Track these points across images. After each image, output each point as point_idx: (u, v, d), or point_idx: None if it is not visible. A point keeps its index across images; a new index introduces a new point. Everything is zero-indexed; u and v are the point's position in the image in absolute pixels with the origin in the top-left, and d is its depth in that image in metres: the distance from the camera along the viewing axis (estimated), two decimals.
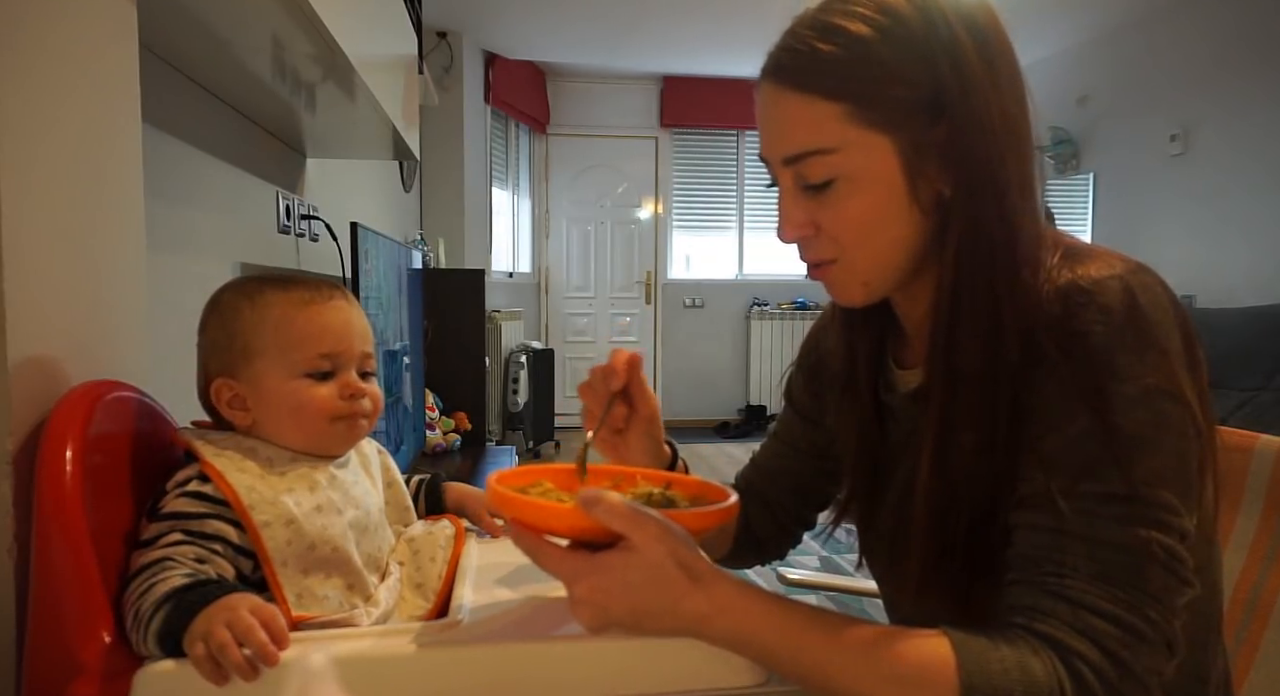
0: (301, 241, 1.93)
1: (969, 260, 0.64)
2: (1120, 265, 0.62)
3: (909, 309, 0.75)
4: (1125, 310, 0.59)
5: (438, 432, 2.72)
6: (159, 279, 1.10)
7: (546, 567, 0.58)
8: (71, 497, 0.57)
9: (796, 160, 0.66)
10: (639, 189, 6.03)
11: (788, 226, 0.68)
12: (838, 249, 0.68)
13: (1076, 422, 0.59)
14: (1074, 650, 0.55)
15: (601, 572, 0.55)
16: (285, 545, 0.63)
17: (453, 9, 4.38)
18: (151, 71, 1.13)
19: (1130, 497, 0.57)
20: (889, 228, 0.66)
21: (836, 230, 0.67)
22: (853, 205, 0.65)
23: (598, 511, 0.55)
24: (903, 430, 0.76)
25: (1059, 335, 0.60)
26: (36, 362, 0.62)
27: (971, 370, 0.64)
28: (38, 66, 0.63)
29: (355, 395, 0.71)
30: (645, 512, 0.56)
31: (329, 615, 0.63)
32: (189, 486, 0.64)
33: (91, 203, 0.71)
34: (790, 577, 1.39)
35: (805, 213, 0.67)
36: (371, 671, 0.56)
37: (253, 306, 0.70)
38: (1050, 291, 0.62)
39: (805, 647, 0.56)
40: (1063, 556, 0.58)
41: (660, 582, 0.55)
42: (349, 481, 0.71)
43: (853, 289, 0.70)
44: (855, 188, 0.65)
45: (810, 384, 0.90)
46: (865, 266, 0.68)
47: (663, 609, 0.55)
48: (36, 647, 0.57)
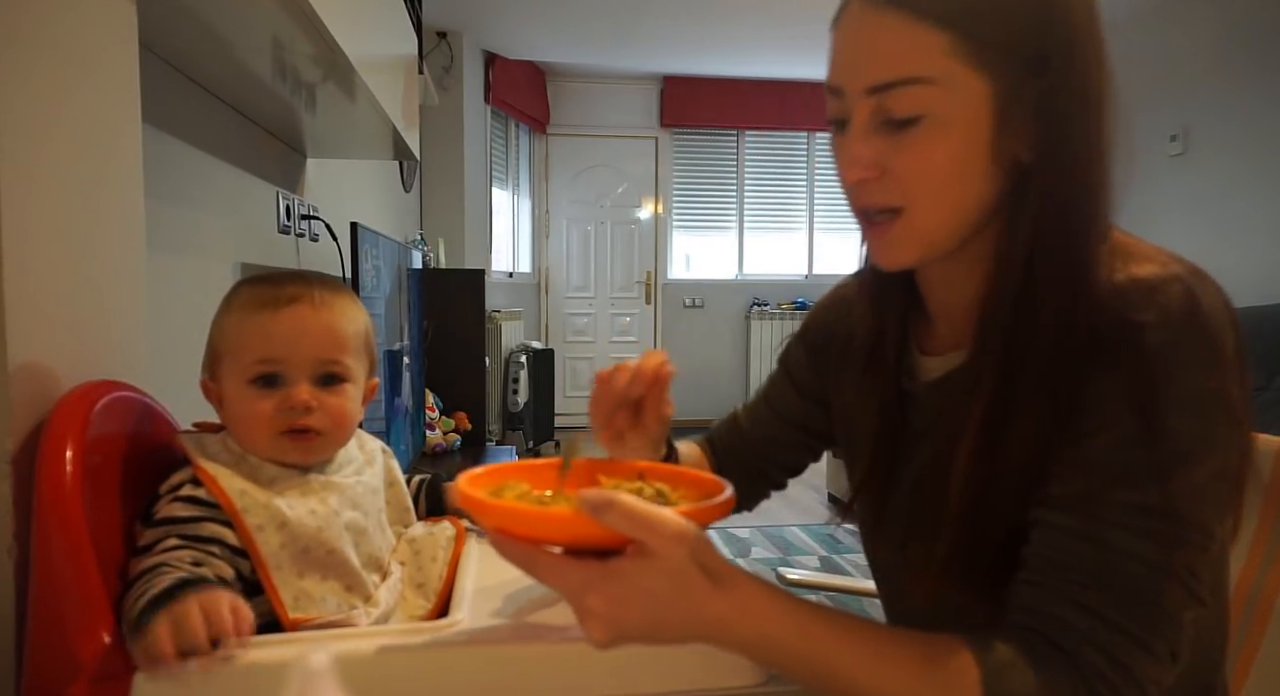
0: (301, 241, 1.93)
1: (1046, 233, 0.60)
2: (1178, 266, 0.59)
3: (944, 290, 0.70)
4: (1186, 314, 0.56)
5: (438, 432, 2.72)
6: (159, 279, 1.10)
7: (548, 580, 0.51)
8: (71, 497, 0.57)
9: (885, 89, 0.59)
10: (639, 189, 6.03)
11: (854, 166, 0.62)
12: (906, 198, 0.62)
13: (1123, 427, 0.57)
14: (1094, 666, 0.54)
15: (616, 581, 0.49)
16: (279, 548, 0.63)
17: (453, 9, 4.38)
18: (151, 71, 1.13)
19: (1164, 512, 0.55)
20: (965, 182, 0.60)
21: (911, 176, 0.61)
22: (936, 149, 0.60)
23: (610, 517, 0.48)
24: (924, 418, 0.73)
25: (1117, 333, 0.57)
26: (36, 362, 0.62)
27: (1036, 353, 0.60)
28: (38, 66, 0.63)
29: (294, 408, 0.67)
30: (661, 512, 0.50)
31: (327, 616, 0.63)
32: (182, 491, 0.64)
33: (91, 203, 0.71)
34: (790, 577, 1.39)
35: (874, 152, 0.61)
36: (371, 671, 0.56)
37: (228, 305, 0.70)
38: (1107, 287, 0.59)
39: (828, 654, 0.54)
40: (1084, 564, 0.56)
41: (682, 588, 0.50)
42: (347, 482, 0.71)
43: (909, 247, 0.64)
44: (942, 130, 0.59)
45: (814, 361, 0.88)
46: (931, 222, 0.62)
47: (683, 617, 0.51)
48: (36, 648, 0.57)
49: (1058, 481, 0.59)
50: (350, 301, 0.73)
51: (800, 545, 3.43)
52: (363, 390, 0.74)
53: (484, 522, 0.53)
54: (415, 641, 0.58)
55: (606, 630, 0.50)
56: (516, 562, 0.52)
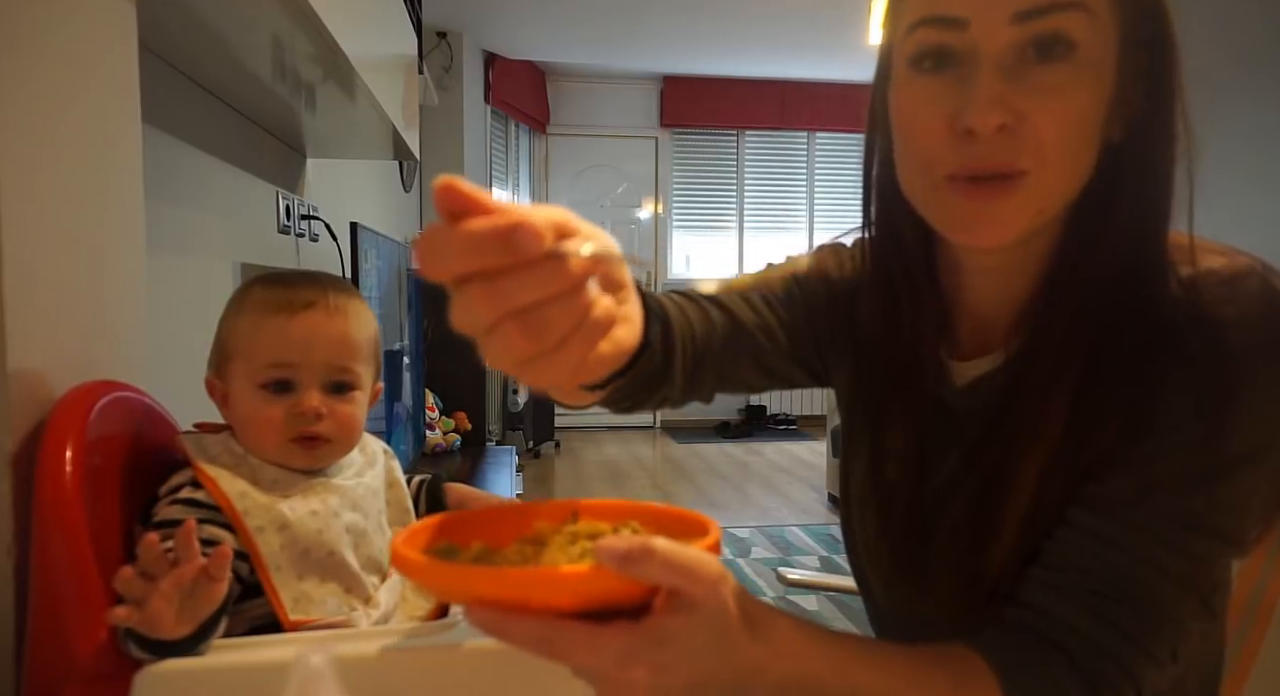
0: (301, 241, 1.93)
1: (1140, 220, 0.55)
2: (1248, 258, 0.54)
3: (988, 285, 0.63)
4: (1264, 310, 0.52)
5: (438, 433, 2.72)
6: (159, 279, 1.10)
7: (575, 658, 0.40)
8: (71, 498, 0.57)
9: (1045, 13, 0.51)
10: (639, 189, 6.03)
11: (987, 107, 0.51)
12: (1037, 157, 0.52)
13: (1187, 428, 0.53)
14: (1110, 683, 0.53)
15: (663, 646, 0.41)
16: (279, 550, 0.63)
17: (453, 9, 4.38)
18: (151, 71, 1.13)
19: (1203, 524, 0.53)
20: (1089, 145, 0.54)
21: (1050, 129, 0.52)
22: (1080, 96, 0.52)
23: (651, 569, 0.39)
24: (955, 426, 0.66)
25: (1192, 329, 0.53)
26: (36, 362, 0.61)
27: (1109, 350, 0.55)
28: (38, 67, 0.63)
29: (304, 415, 0.67)
30: (700, 555, 0.41)
31: (327, 618, 0.63)
32: (181, 493, 0.64)
33: (91, 203, 0.71)
34: (790, 578, 1.39)
35: (1017, 96, 0.52)
36: (371, 671, 0.56)
37: (239, 305, 0.70)
38: (1180, 279, 0.54)
39: (860, 687, 0.49)
40: (1108, 572, 0.54)
41: (724, 639, 0.43)
42: (348, 484, 0.71)
43: (1023, 219, 0.54)
44: (1090, 73, 0.52)
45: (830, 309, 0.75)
46: (1054, 191, 0.54)
47: (724, 671, 0.43)
48: (36, 648, 0.57)
49: (1097, 481, 0.56)
50: (362, 307, 0.73)
51: (800, 545, 3.43)
52: (369, 396, 0.74)
53: (466, 597, 0.40)
54: (415, 641, 0.58)
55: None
56: (525, 641, 0.39)
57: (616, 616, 0.41)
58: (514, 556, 0.44)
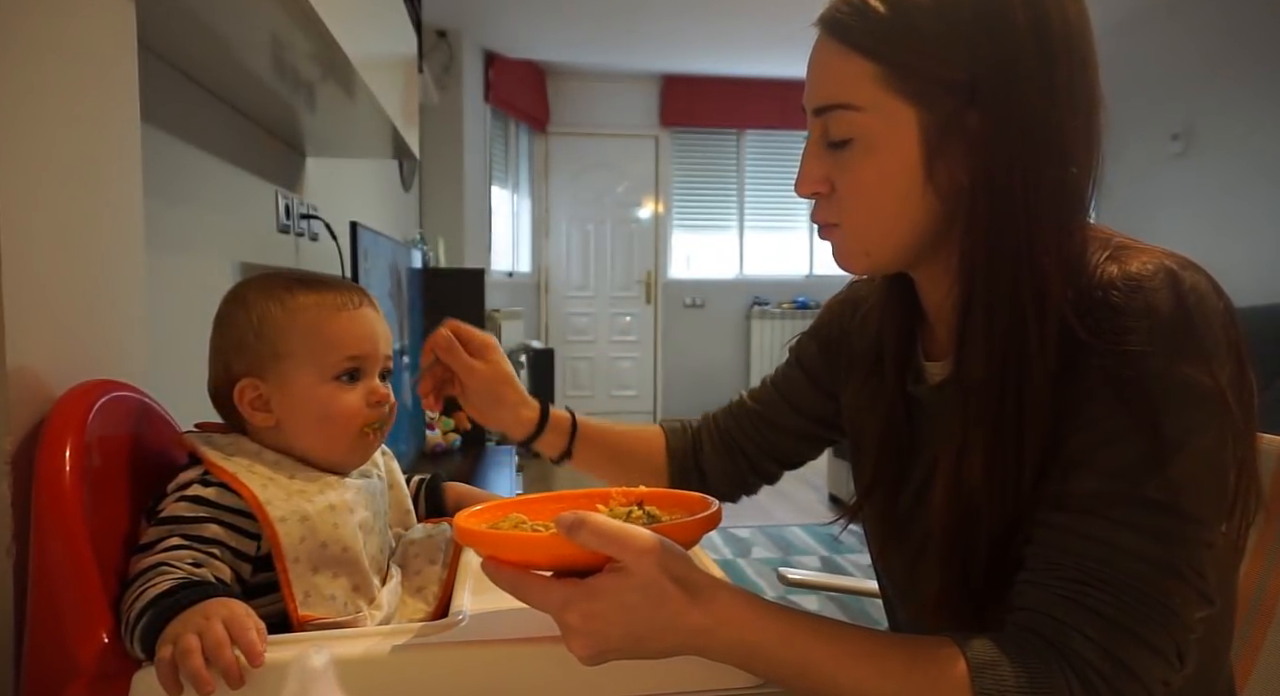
0: (301, 241, 1.93)
1: (975, 260, 0.62)
2: (1167, 260, 0.59)
3: (929, 290, 0.72)
4: (1171, 307, 0.57)
5: (438, 432, 2.72)
6: (159, 279, 1.10)
7: (532, 601, 0.55)
8: (70, 497, 0.57)
9: (824, 111, 0.64)
10: (639, 188, 6.03)
11: (803, 181, 0.67)
12: (841, 214, 0.67)
13: (1113, 422, 0.57)
14: (1088, 662, 0.54)
15: (594, 597, 0.52)
16: (299, 541, 0.63)
17: (453, 8, 4.38)
18: (151, 71, 1.13)
19: (1161, 506, 0.56)
20: (896, 203, 0.64)
21: (845, 193, 0.66)
22: (864, 170, 0.64)
23: (582, 535, 0.51)
24: (929, 424, 0.73)
25: (1101, 331, 0.58)
26: (35, 362, 0.61)
27: (979, 374, 0.62)
28: (37, 66, 0.63)
29: (380, 401, 0.72)
30: (632, 529, 0.53)
31: (334, 617, 0.63)
32: (189, 490, 0.64)
33: (91, 202, 0.71)
34: (791, 578, 1.39)
35: (823, 169, 0.66)
36: (371, 671, 0.56)
37: (284, 309, 0.70)
38: (1093, 287, 0.60)
39: (812, 659, 0.55)
40: (1084, 562, 0.56)
41: (657, 600, 0.52)
42: (359, 482, 0.71)
43: (855, 256, 0.68)
44: (870, 153, 0.63)
45: (826, 354, 0.89)
46: (866, 235, 0.67)
47: (662, 627, 0.53)
48: (35, 648, 0.57)
49: (1050, 481, 0.60)
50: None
51: (801, 545, 3.43)
52: None
53: (479, 551, 0.59)
54: (415, 641, 0.58)
55: (588, 645, 0.53)
56: (506, 587, 0.56)
57: (587, 576, 0.54)
58: (540, 527, 0.60)
